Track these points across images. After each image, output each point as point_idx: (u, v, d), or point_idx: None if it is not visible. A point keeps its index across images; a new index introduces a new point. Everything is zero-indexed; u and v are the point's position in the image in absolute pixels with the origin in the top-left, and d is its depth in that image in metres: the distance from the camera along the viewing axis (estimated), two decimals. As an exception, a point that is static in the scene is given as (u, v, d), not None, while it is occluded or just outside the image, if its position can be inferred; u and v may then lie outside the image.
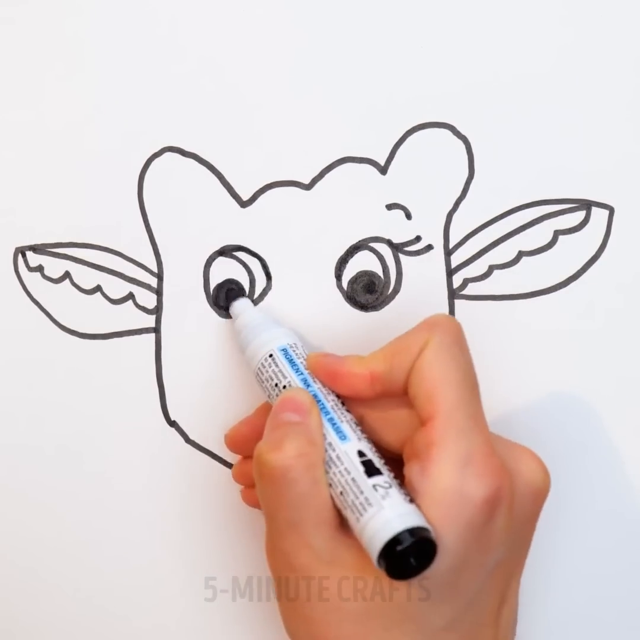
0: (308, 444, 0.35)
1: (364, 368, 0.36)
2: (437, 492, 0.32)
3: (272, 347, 0.38)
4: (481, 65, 0.41)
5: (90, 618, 0.43)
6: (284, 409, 0.36)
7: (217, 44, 0.42)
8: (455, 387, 0.34)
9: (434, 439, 0.33)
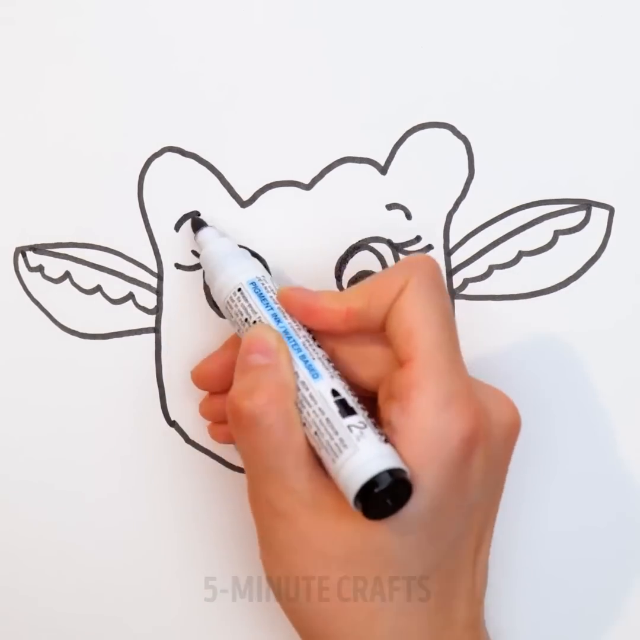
0: (279, 388, 0.34)
1: (340, 304, 0.35)
2: (417, 432, 0.32)
3: (240, 280, 0.37)
4: (481, 65, 0.41)
5: (91, 618, 0.43)
6: (251, 350, 0.35)
7: (217, 44, 0.42)
8: (435, 329, 0.34)
9: (414, 379, 0.33)
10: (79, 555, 0.43)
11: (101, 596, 0.43)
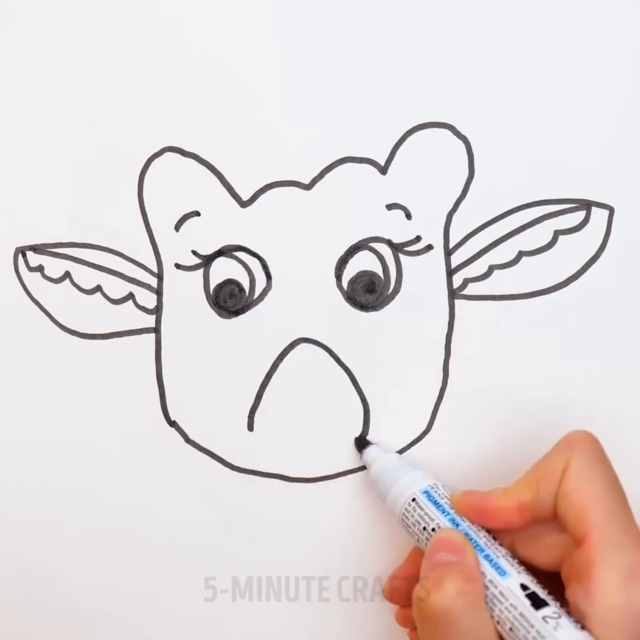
0: (467, 581, 0.34)
1: (511, 500, 0.36)
2: (605, 612, 0.32)
3: (413, 490, 0.38)
4: (481, 65, 0.41)
5: (91, 618, 0.43)
6: (438, 550, 0.36)
7: (217, 44, 0.42)
8: (605, 502, 0.34)
9: (592, 557, 0.33)
10: (79, 555, 0.43)
11: (101, 596, 0.43)
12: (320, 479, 0.42)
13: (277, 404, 0.42)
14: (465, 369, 0.42)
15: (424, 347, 0.42)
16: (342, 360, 0.42)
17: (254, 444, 0.42)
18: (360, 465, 0.42)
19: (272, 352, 0.42)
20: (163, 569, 0.43)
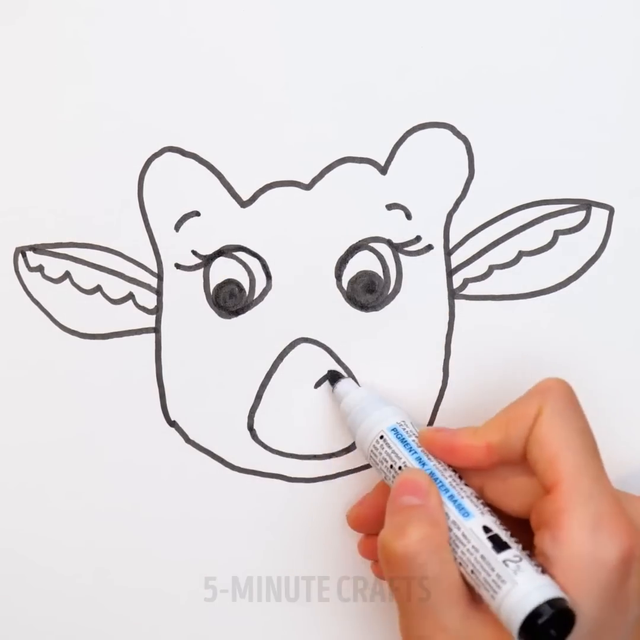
0: (431, 526, 0.34)
1: (480, 440, 0.36)
2: (571, 559, 0.32)
3: (381, 428, 0.38)
4: (481, 65, 0.41)
5: (91, 618, 0.43)
6: (402, 493, 0.36)
7: (218, 44, 0.42)
8: (576, 451, 0.34)
9: (562, 505, 0.33)
10: (78, 554, 0.43)
11: (101, 596, 0.43)
12: (320, 479, 0.42)
13: (277, 404, 0.42)
14: (465, 369, 0.42)
15: (424, 347, 0.42)
16: (342, 360, 0.42)
17: (254, 444, 0.42)
18: (360, 465, 0.42)
19: (272, 352, 0.42)
20: (163, 569, 0.43)
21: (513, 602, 0.32)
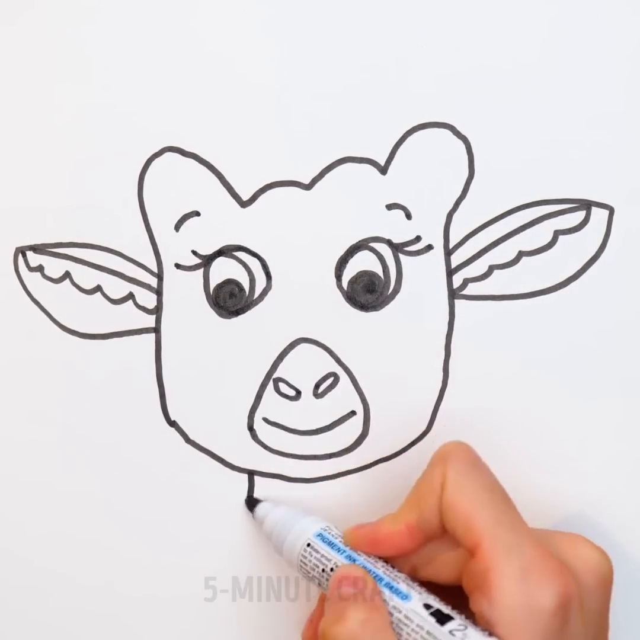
0: (371, 609, 0.34)
1: (399, 524, 0.36)
2: (507, 614, 0.32)
3: (307, 536, 0.39)
4: (481, 65, 0.41)
5: (90, 618, 0.43)
6: (339, 586, 0.36)
7: (217, 44, 0.42)
8: (488, 508, 0.34)
9: (486, 564, 0.33)
10: (78, 554, 0.43)
11: (101, 596, 0.43)
12: (320, 479, 0.42)
13: (277, 404, 0.42)
14: (465, 369, 0.42)
15: (424, 347, 0.42)
16: (342, 360, 0.42)
17: (254, 444, 0.42)
18: (360, 465, 0.42)
19: (272, 352, 0.42)
20: (163, 569, 0.43)
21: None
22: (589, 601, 0.34)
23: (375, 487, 0.42)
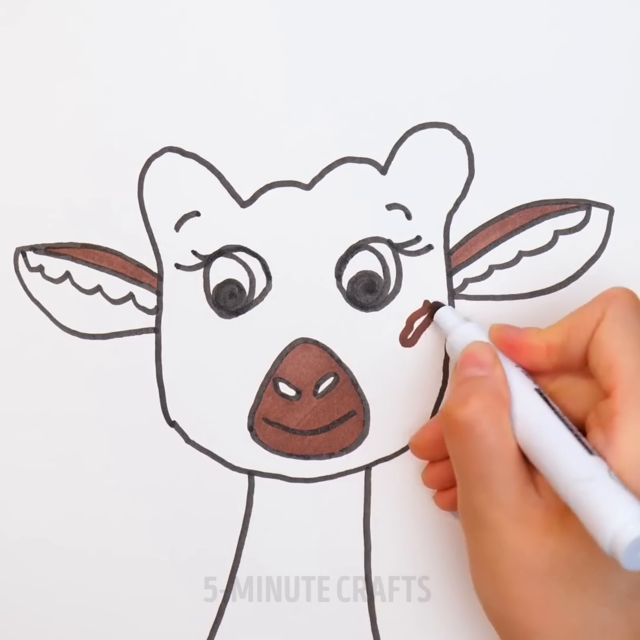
0: (493, 397, 0.35)
1: (540, 340, 0.36)
2: (622, 460, 0.32)
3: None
4: (481, 65, 0.41)
5: (91, 618, 0.43)
6: (467, 365, 0.37)
7: (217, 44, 0.42)
8: (636, 356, 0.34)
9: (617, 408, 0.33)
10: (78, 555, 0.43)
11: (101, 596, 0.43)
12: (320, 479, 0.42)
13: (277, 404, 0.42)
14: (465, 369, 0.42)
15: (424, 347, 0.42)
16: (342, 360, 0.42)
17: (254, 444, 0.42)
18: (360, 465, 0.42)
19: (272, 352, 0.42)
20: (163, 569, 0.43)
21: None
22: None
23: (375, 487, 0.42)
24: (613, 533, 0.31)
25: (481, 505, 0.34)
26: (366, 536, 0.43)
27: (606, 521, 0.31)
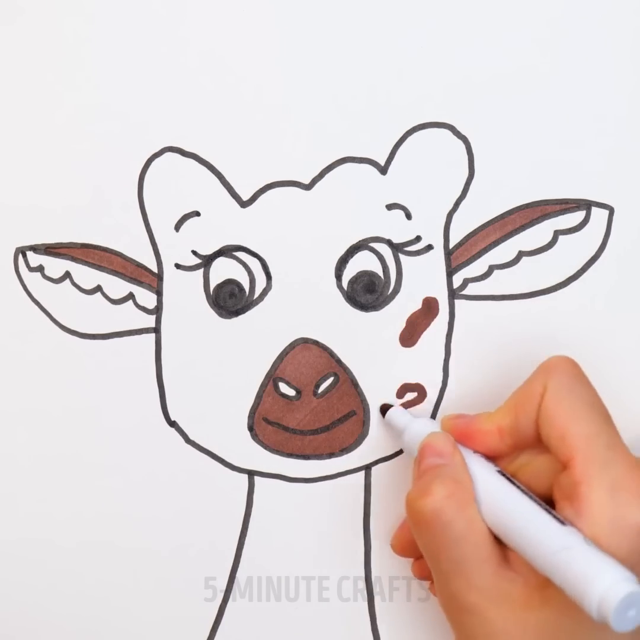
0: (456, 483, 0.35)
1: (491, 424, 0.37)
2: (594, 528, 0.32)
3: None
4: (481, 65, 0.41)
5: (91, 618, 0.43)
6: (427, 455, 0.37)
7: (217, 44, 0.42)
8: (586, 422, 0.34)
9: (578, 478, 0.33)
10: (78, 555, 0.43)
11: (101, 596, 0.43)
12: (320, 479, 0.42)
13: (277, 404, 0.42)
14: (465, 369, 0.42)
15: (424, 347, 0.42)
16: (342, 360, 0.42)
17: (254, 444, 0.42)
18: (360, 465, 0.42)
19: (272, 352, 0.42)
20: (163, 569, 0.43)
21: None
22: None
23: (375, 487, 0.42)
24: (599, 597, 0.30)
25: (458, 591, 0.34)
26: (366, 536, 0.43)
27: (591, 586, 0.31)
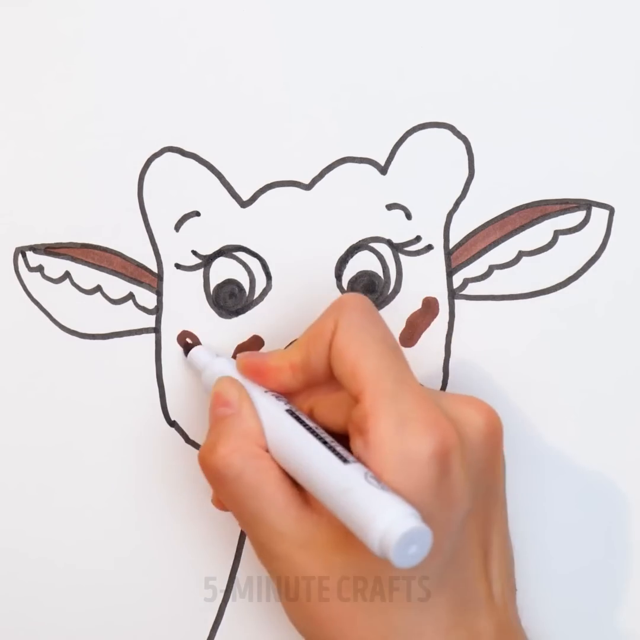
0: (242, 435, 0.35)
1: (283, 360, 0.37)
2: (381, 460, 0.32)
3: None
4: (481, 65, 0.41)
5: (90, 618, 0.43)
6: (216, 405, 0.37)
7: (217, 44, 0.42)
8: (376, 357, 0.34)
9: (367, 410, 0.33)
10: (77, 555, 0.43)
11: (101, 596, 0.43)
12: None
13: (277, 404, 0.42)
14: (465, 369, 0.42)
15: (424, 347, 0.42)
16: (342, 360, 0.42)
17: (254, 444, 0.42)
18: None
19: (272, 352, 0.42)
20: (163, 569, 0.43)
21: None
22: (473, 455, 0.34)
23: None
24: (380, 536, 0.30)
25: (265, 540, 0.35)
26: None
27: (371, 525, 0.31)
